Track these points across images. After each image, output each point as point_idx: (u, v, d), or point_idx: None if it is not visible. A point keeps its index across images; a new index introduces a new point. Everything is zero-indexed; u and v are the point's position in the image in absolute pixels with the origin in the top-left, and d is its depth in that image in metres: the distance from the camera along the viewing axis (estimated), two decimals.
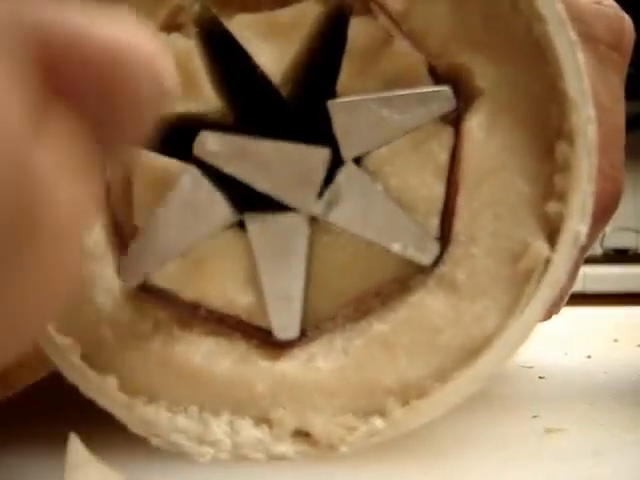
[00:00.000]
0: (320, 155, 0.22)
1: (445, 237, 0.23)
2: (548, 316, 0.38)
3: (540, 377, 0.35)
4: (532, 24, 0.22)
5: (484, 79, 0.23)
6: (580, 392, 0.32)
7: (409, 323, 0.23)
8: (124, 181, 0.24)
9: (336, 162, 0.23)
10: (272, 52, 0.23)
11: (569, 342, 0.45)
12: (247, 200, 0.24)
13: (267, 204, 0.23)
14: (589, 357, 0.40)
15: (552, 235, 0.22)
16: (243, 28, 0.23)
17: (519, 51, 0.22)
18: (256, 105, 0.26)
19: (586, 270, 1.71)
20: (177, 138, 0.23)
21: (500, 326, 0.22)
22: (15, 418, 0.27)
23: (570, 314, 0.64)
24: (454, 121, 0.23)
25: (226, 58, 0.24)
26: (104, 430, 0.23)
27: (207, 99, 0.23)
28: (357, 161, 0.23)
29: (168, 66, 0.15)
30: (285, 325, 0.23)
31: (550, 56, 0.22)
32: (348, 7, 0.24)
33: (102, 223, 0.24)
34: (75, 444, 0.21)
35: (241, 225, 0.23)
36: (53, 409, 0.26)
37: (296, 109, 0.25)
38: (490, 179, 0.23)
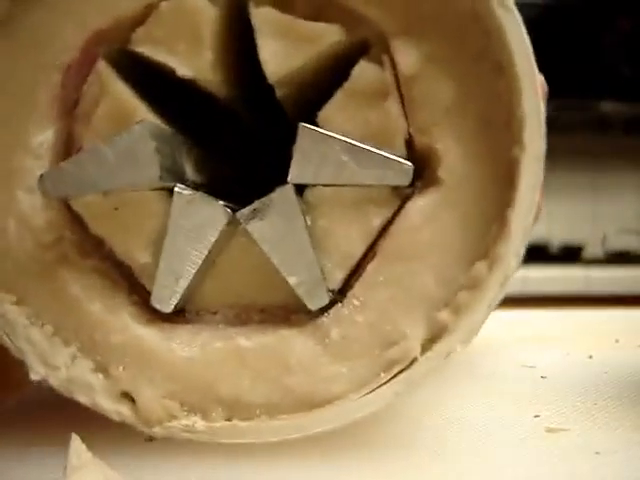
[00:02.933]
0: None
1: (344, 293, 0.24)
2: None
3: (542, 377, 0.35)
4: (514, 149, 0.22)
5: (448, 172, 0.23)
6: (582, 392, 0.32)
7: (270, 351, 0.23)
8: (95, 100, 0.24)
9: (281, 180, 0.23)
10: (278, 53, 0.23)
11: (571, 342, 0.45)
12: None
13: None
14: (591, 357, 0.40)
15: (432, 340, 0.23)
16: (264, 21, 0.23)
17: (494, 161, 0.23)
18: (252, 91, 0.26)
19: (588, 272, 1.71)
20: (163, 88, 0.24)
21: (343, 395, 0.23)
22: (15, 418, 0.27)
23: (572, 315, 0.64)
24: (404, 197, 0.23)
25: (243, 40, 0.24)
26: (105, 431, 0.23)
27: (205, 65, 0.24)
28: (300, 187, 0.23)
29: None
30: (163, 298, 0.23)
31: (513, 177, 0.22)
32: (364, 47, 0.24)
33: (56, 128, 0.24)
34: (76, 445, 0.21)
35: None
36: (54, 409, 0.26)
37: (282, 112, 0.25)
38: (405, 263, 0.23)
